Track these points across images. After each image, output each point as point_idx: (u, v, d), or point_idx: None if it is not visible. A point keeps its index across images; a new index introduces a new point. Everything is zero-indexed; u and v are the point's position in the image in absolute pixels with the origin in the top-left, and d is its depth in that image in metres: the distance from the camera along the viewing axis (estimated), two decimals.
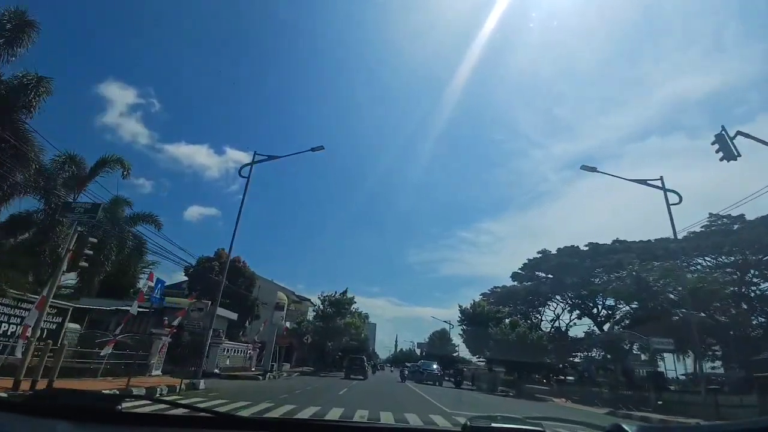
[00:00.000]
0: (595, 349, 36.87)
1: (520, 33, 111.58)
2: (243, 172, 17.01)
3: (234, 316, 25.28)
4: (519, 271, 52.83)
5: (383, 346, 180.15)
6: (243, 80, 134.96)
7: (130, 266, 28.14)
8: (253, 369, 25.55)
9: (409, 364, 47.63)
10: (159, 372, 16.32)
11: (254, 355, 25.83)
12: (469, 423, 1.48)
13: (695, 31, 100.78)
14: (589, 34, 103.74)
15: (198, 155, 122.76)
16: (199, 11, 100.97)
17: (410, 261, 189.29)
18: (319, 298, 40.35)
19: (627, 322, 40.59)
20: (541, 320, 48.18)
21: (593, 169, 17.93)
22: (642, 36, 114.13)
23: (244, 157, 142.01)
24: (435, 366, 33.97)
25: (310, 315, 44.56)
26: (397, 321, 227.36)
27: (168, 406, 1.66)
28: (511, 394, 29.64)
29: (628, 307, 38.79)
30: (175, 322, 15.52)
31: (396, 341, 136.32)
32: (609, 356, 35.24)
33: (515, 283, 52.79)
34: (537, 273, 50.74)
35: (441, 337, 67.26)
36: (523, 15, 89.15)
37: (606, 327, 40.48)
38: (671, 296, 33.04)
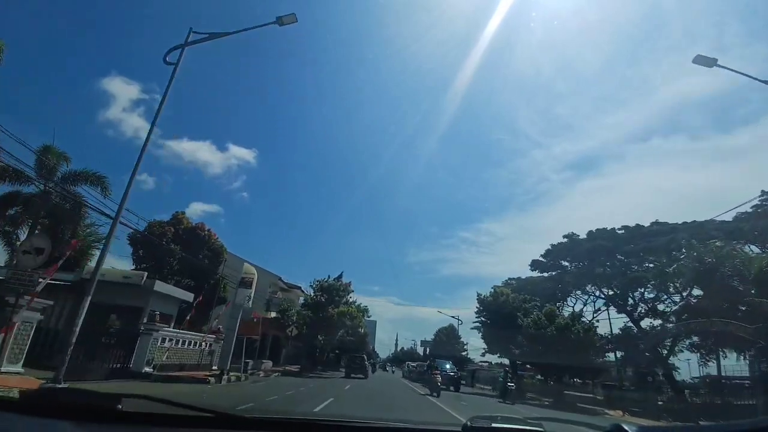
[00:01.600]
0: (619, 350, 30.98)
1: (521, 32, 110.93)
2: (170, 57, 10.69)
3: (189, 296, 18.94)
4: (540, 259, 46.28)
5: (383, 346, 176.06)
6: (245, 78, 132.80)
7: (62, 232, 21.85)
8: (215, 368, 19.27)
9: (413, 364, 41.06)
10: (19, 367, 10.02)
11: (217, 350, 19.47)
12: (469, 423, 1.47)
13: (697, 32, 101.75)
14: (591, 33, 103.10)
15: (200, 151, 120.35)
16: (200, 9, 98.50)
17: (410, 260, 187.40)
18: (311, 285, 33.98)
19: (672, 317, 34.45)
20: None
21: (713, 62, 11.66)
22: (643, 36, 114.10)
23: (247, 154, 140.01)
24: (449, 366, 27.43)
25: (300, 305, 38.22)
26: (398, 321, 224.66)
27: (168, 405, 1.47)
28: (546, 402, 23.25)
29: (680, 297, 32.39)
30: (39, 287, 9.20)
31: (396, 340, 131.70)
32: (652, 357, 29.42)
33: (535, 272, 46.32)
34: (561, 261, 44.34)
35: (449, 335, 60.90)
36: (524, 14, 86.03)
37: (641, 323, 34.09)
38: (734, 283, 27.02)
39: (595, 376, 24.85)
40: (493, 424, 1.48)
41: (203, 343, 18.58)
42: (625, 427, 1.22)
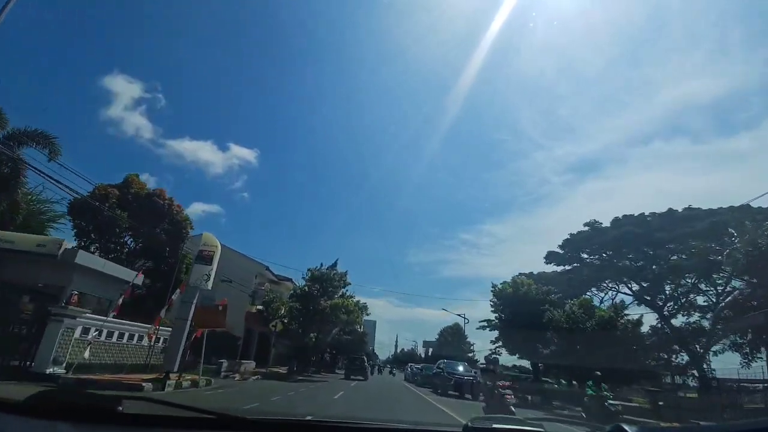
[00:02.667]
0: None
1: (523, 34, 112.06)
2: None
3: (129, 275, 14.56)
4: (557, 251, 41.89)
5: (383, 347, 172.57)
6: (248, 77, 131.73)
7: None
8: (177, 371, 14.95)
9: (417, 366, 36.56)
10: None
11: (176, 347, 15.04)
12: (470, 423, 1.46)
13: (699, 35, 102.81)
14: (592, 35, 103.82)
15: (201, 151, 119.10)
16: (204, 8, 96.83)
17: (410, 261, 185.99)
18: (303, 277, 29.59)
19: (713, 312, 30.24)
20: None
21: None
22: (645, 38, 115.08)
23: (248, 154, 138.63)
24: (461, 368, 22.89)
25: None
26: (397, 322, 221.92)
27: (168, 406, 1.50)
28: (583, 415, 18.83)
29: (722, 288, 28.16)
30: None
31: (396, 341, 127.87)
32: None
33: (550, 265, 41.93)
34: (581, 253, 39.97)
35: (454, 334, 56.52)
36: (526, 16, 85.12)
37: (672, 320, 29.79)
38: None
39: (638, 380, 20.47)
40: (494, 425, 1.49)
41: (153, 338, 14.19)
42: (625, 428, 1.21)
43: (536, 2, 66.40)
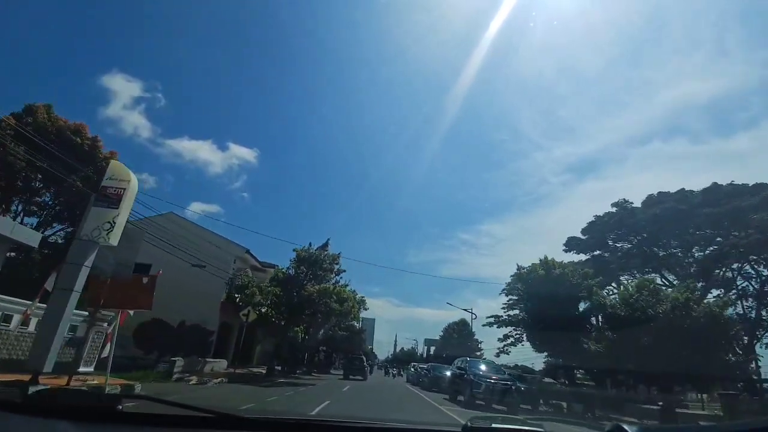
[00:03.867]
0: None
1: (523, 34, 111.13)
2: None
3: (28, 234, 9.77)
4: (579, 236, 37.17)
5: (382, 347, 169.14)
6: (248, 77, 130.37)
7: None
8: (86, 369, 10.17)
9: (423, 366, 31.65)
10: None
11: (50, 334, 10.02)
12: (469, 423, 1.43)
13: (699, 35, 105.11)
14: (592, 36, 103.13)
15: (201, 151, 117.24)
16: (203, 8, 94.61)
17: (410, 261, 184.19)
18: (291, 261, 24.68)
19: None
20: None
21: None
22: (645, 39, 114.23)
23: (248, 153, 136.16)
24: (487, 367, 17.58)
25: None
26: (397, 322, 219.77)
27: (168, 405, 1.48)
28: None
29: None
30: None
31: (395, 341, 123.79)
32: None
33: (570, 253, 37.15)
34: (607, 238, 35.24)
35: (460, 331, 51.81)
36: (526, 17, 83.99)
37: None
38: None
39: (720, 381, 15.73)
40: (494, 425, 1.47)
41: (28, 318, 9.38)
42: (625, 428, 1.19)
43: (536, 2, 64.48)
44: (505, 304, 43.24)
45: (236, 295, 20.16)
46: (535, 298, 21.65)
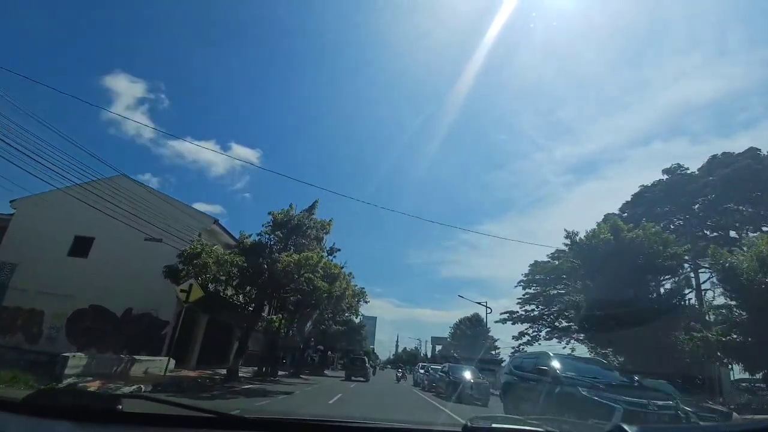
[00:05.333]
0: None
1: (523, 35, 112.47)
2: None
3: None
4: (617, 213, 31.20)
5: (383, 347, 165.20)
6: (249, 78, 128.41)
7: None
8: None
9: (437, 367, 25.60)
10: None
11: None
12: (469, 423, 1.42)
13: (699, 36, 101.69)
14: (593, 37, 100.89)
15: (203, 151, 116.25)
16: (205, 9, 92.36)
17: (411, 262, 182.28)
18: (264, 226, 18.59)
19: None
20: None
21: None
22: (645, 39, 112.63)
23: (250, 154, 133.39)
24: (607, 370, 9.86)
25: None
26: (398, 322, 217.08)
27: (168, 405, 1.48)
28: None
29: None
30: None
31: (397, 341, 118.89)
32: None
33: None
34: (658, 209, 29.33)
35: (473, 327, 46.00)
36: (526, 17, 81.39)
37: None
38: None
39: None
40: (494, 425, 1.45)
41: None
42: (625, 428, 1.18)
43: (536, 3, 62.19)
44: (520, 298, 37.00)
45: (181, 268, 14.30)
46: (597, 274, 15.73)
